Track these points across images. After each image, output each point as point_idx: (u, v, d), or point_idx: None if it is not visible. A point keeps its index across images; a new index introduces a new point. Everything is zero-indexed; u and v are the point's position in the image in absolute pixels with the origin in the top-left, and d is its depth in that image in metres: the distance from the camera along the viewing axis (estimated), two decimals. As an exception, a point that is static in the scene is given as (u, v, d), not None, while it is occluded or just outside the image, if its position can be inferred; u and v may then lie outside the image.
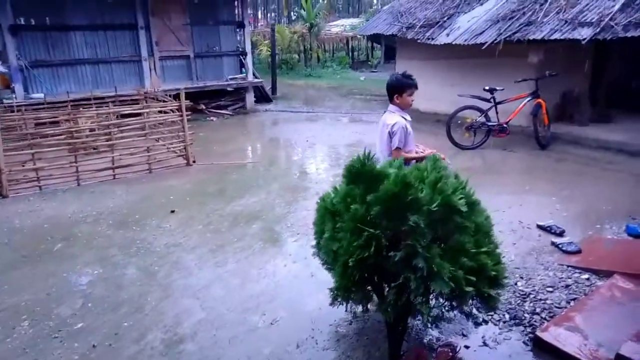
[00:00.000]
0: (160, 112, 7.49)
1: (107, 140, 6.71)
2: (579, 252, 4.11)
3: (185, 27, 11.04)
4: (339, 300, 2.56)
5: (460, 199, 2.40)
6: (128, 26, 10.29)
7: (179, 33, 10.97)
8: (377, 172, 2.50)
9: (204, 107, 11.60)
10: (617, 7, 6.70)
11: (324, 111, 12.60)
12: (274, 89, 16.22)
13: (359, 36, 22.84)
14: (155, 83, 10.74)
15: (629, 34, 6.28)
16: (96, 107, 8.44)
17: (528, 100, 7.69)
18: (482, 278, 2.35)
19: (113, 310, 3.51)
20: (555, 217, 4.96)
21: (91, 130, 7.00)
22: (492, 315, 3.26)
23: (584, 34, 6.72)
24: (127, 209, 5.63)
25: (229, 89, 12.11)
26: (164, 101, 8.17)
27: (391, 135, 3.57)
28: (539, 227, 4.71)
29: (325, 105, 13.62)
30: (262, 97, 14.48)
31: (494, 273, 2.37)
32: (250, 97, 12.19)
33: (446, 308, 2.47)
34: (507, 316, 3.28)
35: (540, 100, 7.61)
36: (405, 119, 3.62)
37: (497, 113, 7.80)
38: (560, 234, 4.52)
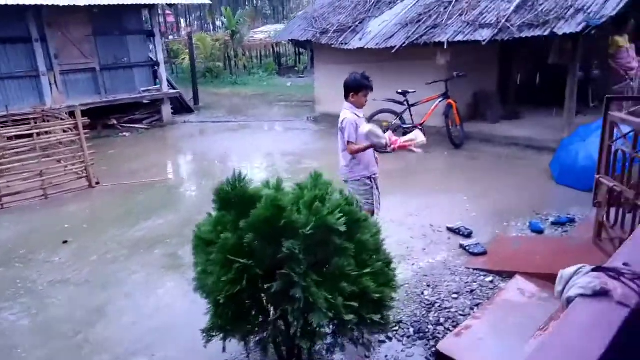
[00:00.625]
0: (63, 131, 6.83)
1: (-9, 166, 6.01)
2: (484, 253, 4.12)
3: (88, 38, 10.27)
4: (215, 339, 2.30)
5: (340, 218, 2.22)
6: (21, 39, 9.41)
7: (81, 45, 10.20)
8: (248, 195, 2.28)
9: (115, 122, 10.89)
10: (511, 9, 6.95)
11: (247, 120, 12.27)
12: (195, 99, 15.65)
13: (284, 42, 22.67)
14: (57, 99, 9.91)
15: (522, 34, 6.52)
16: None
17: (440, 101, 7.82)
18: (365, 302, 2.18)
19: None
20: (464, 217, 4.99)
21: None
22: (396, 331, 3.13)
23: (484, 35, 6.91)
24: (12, 242, 5.04)
25: (144, 101, 11.45)
26: (61, 119, 7.49)
27: (342, 131, 3.82)
28: (449, 229, 4.70)
29: (248, 114, 13.29)
30: (183, 107, 13.89)
31: (377, 296, 2.20)
32: (166, 109, 11.61)
33: (328, 340, 2.27)
34: (411, 330, 3.16)
35: (450, 100, 7.77)
36: (357, 115, 3.83)
37: (411, 115, 7.87)
38: (469, 235, 4.52)
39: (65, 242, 4.94)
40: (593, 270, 1.34)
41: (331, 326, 2.34)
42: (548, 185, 5.95)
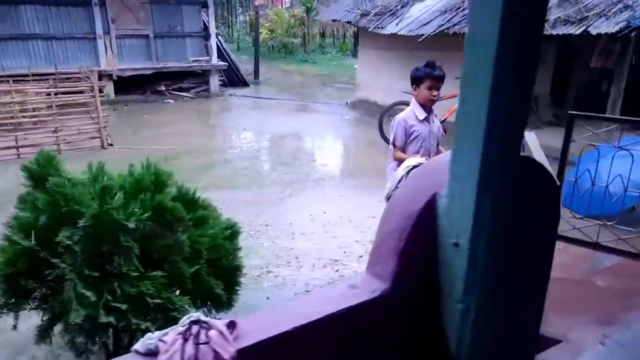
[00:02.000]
0: (80, 92, 7.26)
1: (11, 118, 6.54)
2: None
3: (144, 5, 10.76)
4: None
5: (142, 214, 2.07)
6: (82, 2, 10.08)
7: (137, 11, 10.71)
8: (55, 180, 2.18)
9: (163, 88, 11.38)
10: (553, 2, 6.08)
11: (291, 99, 12.24)
12: (256, 73, 15.90)
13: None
14: (111, 62, 10.55)
15: (554, 31, 5.69)
16: (34, 83, 8.30)
17: (465, 99, 7.14)
18: (138, 308, 2.02)
19: None
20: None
21: None
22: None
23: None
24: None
25: (198, 71, 11.82)
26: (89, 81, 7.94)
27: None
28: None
29: (297, 93, 13.24)
30: (239, 80, 14.19)
31: (157, 301, 2.03)
32: (214, 81, 11.88)
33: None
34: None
35: (478, 99, 7.07)
36: (417, 116, 3.09)
37: (432, 110, 7.29)
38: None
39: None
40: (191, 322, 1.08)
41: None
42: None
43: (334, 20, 11.57)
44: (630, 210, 4.26)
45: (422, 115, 3.09)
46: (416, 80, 3.06)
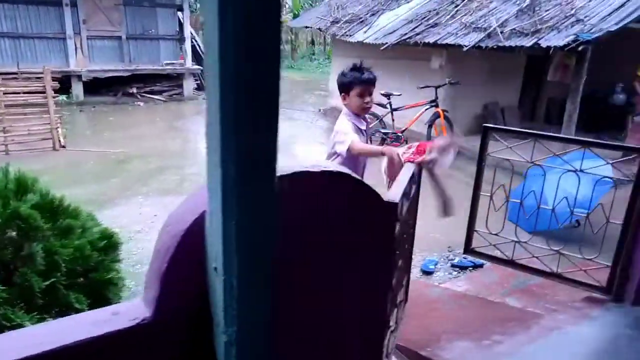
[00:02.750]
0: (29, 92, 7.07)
1: (-42, 118, 6.38)
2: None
3: (118, 7, 10.65)
4: None
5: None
6: (52, 2, 9.96)
7: (109, 12, 10.60)
8: None
9: (135, 90, 11.25)
10: (513, 12, 6.01)
11: (266, 105, 12.14)
12: (237, 78, 15.81)
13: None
14: (81, 63, 10.42)
15: (508, 43, 5.60)
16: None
17: (426, 109, 7.06)
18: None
19: None
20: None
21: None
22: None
23: (469, 40, 6.06)
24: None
25: (173, 74, 11.70)
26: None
27: (336, 143, 2.55)
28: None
29: (274, 99, 13.14)
30: (218, 85, 14.07)
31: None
32: (188, 84, 11.77)
33: None
34: None
35: (439, 109, 6.98)
36: (358, 127, 2.64)
37: (393, 120, 7.20)
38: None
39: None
40: None
41: None
42: (495, 219, 5.10)
43: (306, 27, 11.49)
44: (575, 226, 4.15)
45: (362, 125, 2.70)
46: (344, 88, 2.62)
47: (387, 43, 7.30)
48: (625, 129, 7.03)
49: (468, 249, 3.29)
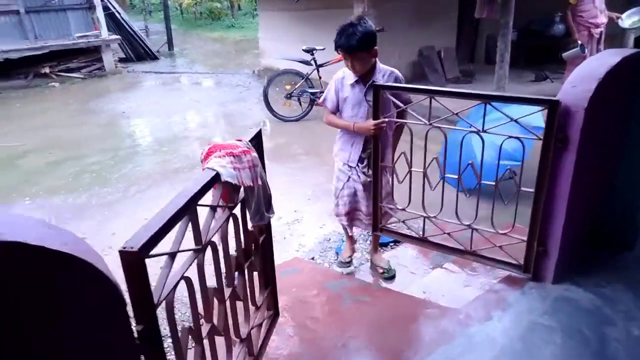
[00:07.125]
0: None
1: None
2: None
3: (9, -25, 9.39)
4: None
5: None
6: None
7: (0, -17, 9.35)
8: None
9: (48, 70, 10.15)
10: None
11: (197, 71, 11.26)
12: (170, 44, 14.68)
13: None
14: (-24, 44, 9.23)
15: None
16: None
17: (354, 62, 6.44)
18: None
19: None
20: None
21: None
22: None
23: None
24: None
25: (90, 47, 10.53)
26: None
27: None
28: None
29: (208, 64, 12.24)
30: (147, 54, 13.00)
31: None
32: (108, 57, 10.70)
33: None
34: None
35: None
36: (347, 84, 2.59)
37: (320, 77, 6.57)
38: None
39: None
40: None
41: None
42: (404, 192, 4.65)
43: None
44: (511, 177, 3.61)
45: (351, 79, 2.57)
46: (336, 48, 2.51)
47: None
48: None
49: (377, 227, 2.83)
